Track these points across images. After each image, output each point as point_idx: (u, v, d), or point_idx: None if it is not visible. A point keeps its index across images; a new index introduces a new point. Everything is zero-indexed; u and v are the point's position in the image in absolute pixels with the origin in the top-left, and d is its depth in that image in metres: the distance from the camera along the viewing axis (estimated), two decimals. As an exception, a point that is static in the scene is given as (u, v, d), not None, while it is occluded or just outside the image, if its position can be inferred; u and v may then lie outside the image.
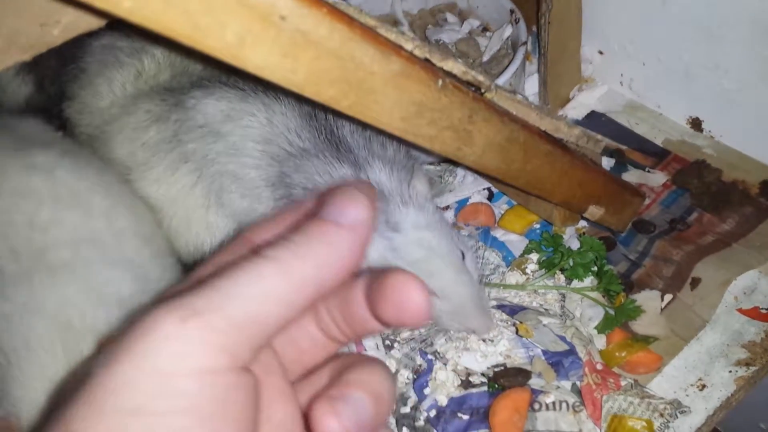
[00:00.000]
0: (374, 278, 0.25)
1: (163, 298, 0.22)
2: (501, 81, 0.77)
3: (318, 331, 0.28)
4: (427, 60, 0.43)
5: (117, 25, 0.34)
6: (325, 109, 0.59)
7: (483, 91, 0.46)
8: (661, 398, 0.56)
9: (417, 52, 0.42)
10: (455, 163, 0.80)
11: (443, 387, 0.60)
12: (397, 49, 0.39)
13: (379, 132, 0.43)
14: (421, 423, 0.59)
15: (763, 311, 0.62)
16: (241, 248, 0.26)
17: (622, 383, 0.58)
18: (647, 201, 0.73)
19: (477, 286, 0.59)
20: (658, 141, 0.79)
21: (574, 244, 0.68)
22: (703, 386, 0.59)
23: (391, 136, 0.59)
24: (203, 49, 0.32)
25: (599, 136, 0.57)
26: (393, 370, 0.63)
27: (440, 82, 0.42)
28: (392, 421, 0.60)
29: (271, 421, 0.25)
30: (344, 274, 0.24)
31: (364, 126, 0.54)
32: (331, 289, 0.24)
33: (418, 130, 0.43)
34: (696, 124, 0.79)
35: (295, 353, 0.28)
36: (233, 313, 0.21)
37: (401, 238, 0.56)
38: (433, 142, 0.45)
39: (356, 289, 0.26)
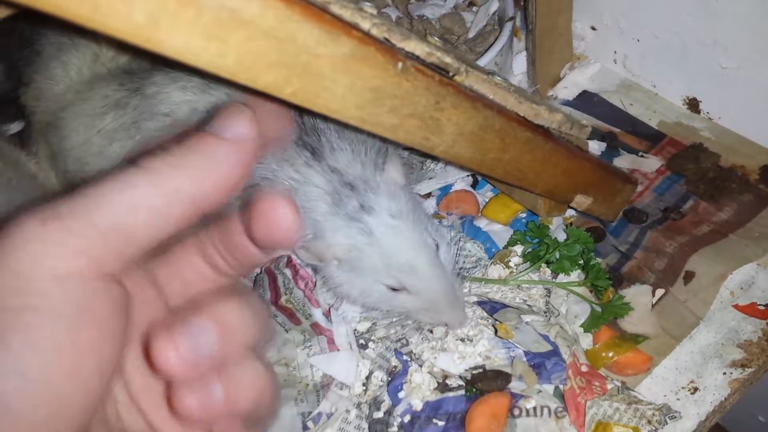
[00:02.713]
0: (248, 203, 0.25)
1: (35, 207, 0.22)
2: (486, 59, 0.72)
3: (203, 263, 0.27)
4: (386, 40, 0.38)
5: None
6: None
7: (451, 74, 0.42)
8: (650, 403, 0.52)
9: (375, 32, 0.37)
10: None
11: (418, 390, 0.56)
12: (348, 28, 0.35)
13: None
14: (394, 429, 0.55)
15: (761, 307, 0.58)
16: None
17: (609, 386, 0.54)
18: (640, 188, 0.68)
19: (450, 279, 0.56)
20: (653, 123, 0.75)
21: (562, 236, 0.64)
22: (696, 389, 0.55)
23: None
24: (108, 32, 0.27)
25: (584, 121, 0.53)
26: (366, 371, 0.59)
27: (400, 65, 0.37)
28: (365, 426, 0.56)
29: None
30: (224, 189, 0.24)
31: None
32: (210, 204, 0.23)
33: (377, 119, 0.39)
34: (693, 104, 0.74)
35: (180, 286, 0.27)
36: (97, 219, 0.21)
37: (376, 222, 0.53)
38: (396, 132, 0.40)
39: (235, 217, 0.26)
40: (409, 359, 0.58)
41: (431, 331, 0.58)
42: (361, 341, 0.61)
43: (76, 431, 0.21)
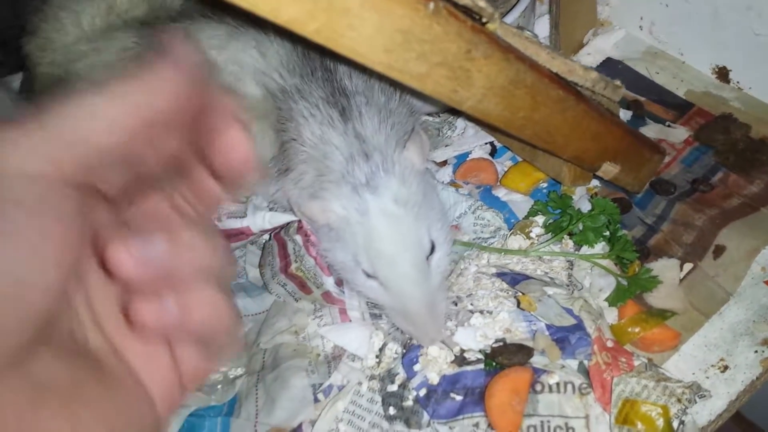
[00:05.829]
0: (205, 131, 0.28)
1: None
2: (507, 21, 0.68)
3: (169, 209, 0.30)
4: (417, -21, 0.35)
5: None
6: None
7: (484, 20, 0.39)
8: (679, 381, 0.50)
9: (405, -31, 0.34)
10: (455, 113, 0.73)
11: (435, 363, 0.53)
12: (378, -39, 0.31)
13: (381, 77, 0.36)
14: (409, 403, 0.53)
15: (795, 284, 0.55)
16: None
17: (635, 363, 0.51)
18: (667, 159, 0.65)
19: (431, 287, 0.52)
20: (680, 92, 0.71)
21: (585, 206, 0.61)
22: (726, 367, 0.52)
23: (394, 85, 0.52)
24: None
25: (618, 82, 0.49)
26: (380, 342, 0.57)
27: (432, 5, 0.34)
28: (378, 399, 0.54)
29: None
30: (172, 102, 0.26)
31: (364, 68, 0.46)
32: (161, 116, 0.26)
33: (404, 65, 0.35)
34: (722, 73, 0.71)
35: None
36: (59, 129, 0.24)
37: (376, 203, 0.50)
38: (424, 82, 0.37)
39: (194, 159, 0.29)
40: (425, 331, 0.55)
41: (455, 303, 0.55)
42: (375, 311, 0.58)
43: (36, 320, 0.23)
